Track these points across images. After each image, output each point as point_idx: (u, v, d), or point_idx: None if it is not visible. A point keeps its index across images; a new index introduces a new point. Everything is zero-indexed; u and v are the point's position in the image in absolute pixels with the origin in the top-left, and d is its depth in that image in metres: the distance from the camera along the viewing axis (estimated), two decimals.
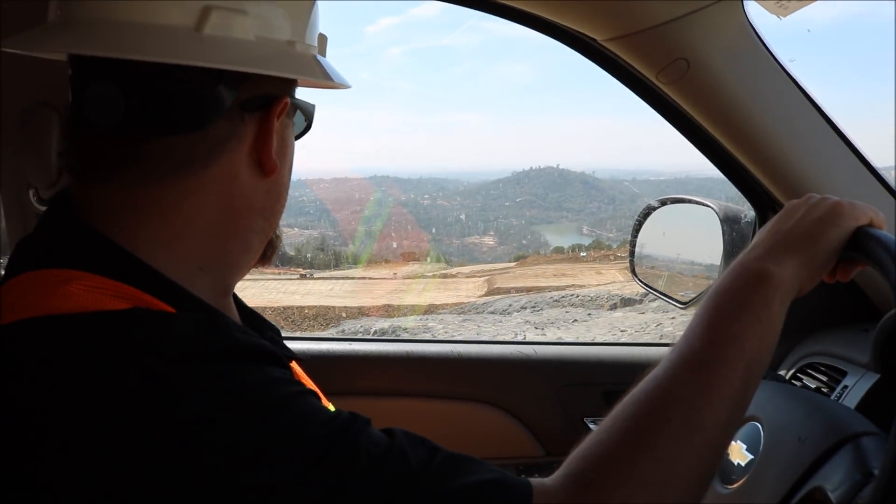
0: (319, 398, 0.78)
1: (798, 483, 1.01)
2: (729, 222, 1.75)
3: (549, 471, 0.80)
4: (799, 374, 1.59)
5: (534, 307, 13.00)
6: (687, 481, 0.77)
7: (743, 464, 1.15)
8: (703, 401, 0.79)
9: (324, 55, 0.96)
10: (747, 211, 1.76)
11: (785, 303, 0.87)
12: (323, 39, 0.96)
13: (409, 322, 12.27)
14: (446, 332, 11.00)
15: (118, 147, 0.82)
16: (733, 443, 1.19)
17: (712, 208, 1.78)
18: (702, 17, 1.40)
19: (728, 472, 1.18)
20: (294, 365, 1.01)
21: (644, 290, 1.96)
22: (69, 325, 0.71)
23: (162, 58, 0.78)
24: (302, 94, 0.97)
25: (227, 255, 0.91)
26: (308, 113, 0.98)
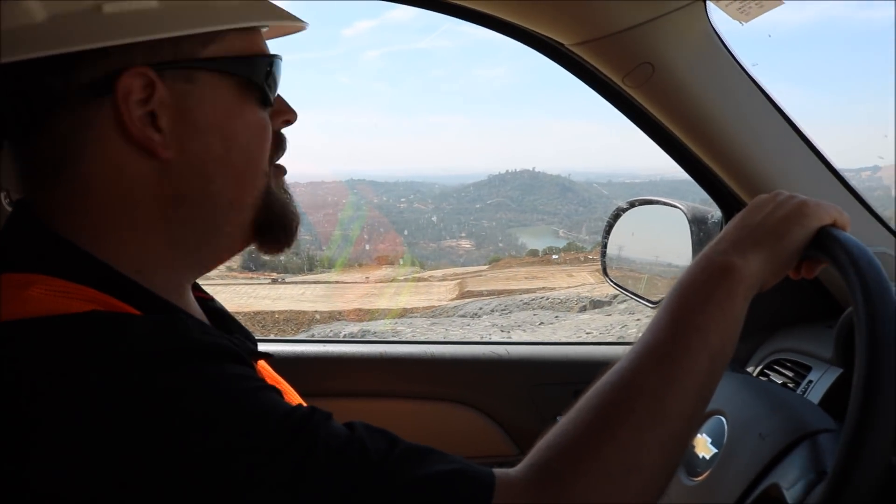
0: (281, 394, 0.76)
1: (756, 479, 1.03)
2: (697, 223, 1.78)
3: None
4: (766, 371, 1.63)
5: (504, 310, 13.03)
6: (651, 471, 0.77)
7: (707, 457, 1.17)
8: (667, 391, 0.79)
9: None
10: (714, 211, 1.79)
11: (748, 297, 0.87)
12: None
13: (380, 326, 12.25)
14: (415, 336, 11.04)
15: (11, 157, 0.82)
16: (699, 436, 1.21)
17: (680, 209, 1.81)
18: (666, 23, 1.43)
19: (693, 464, 1.20)
20: (264, 365, 0.99)
21: (615, 291, 1.99)
22: (28, 330, 0.70)
23: None
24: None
25: (156, 253, 0.85)
26: (241, 67, 0.85)
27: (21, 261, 0.79)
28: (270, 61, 0.88)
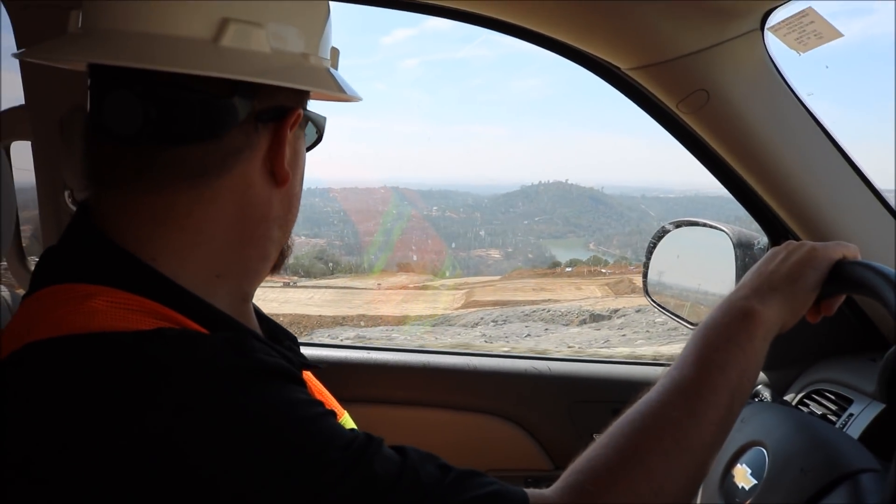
0: (336, 416, 0.80)
1: None
2: (742, 247, 1.78)
3: None
4: (806, 400, 1.62)
5: (504, 321, 13.15)
6: (675, 495, 0.83)
7: (747, 488, 1.17)
8: (692, 422, 0.86)
9: (336, 68, 0.99)
10: (761, 238, 1.79)
11: (767, 338, 0.96)
12: (335, 53, 0.98)
13: (375, 332, 12.40)
14: (409, 343, 11.20)
15: (135, 155, 0.84)
16: (739, 465, 1.22)
17: (726, 233, 1.81)
18: (723, 50, 1.45)
19: (732, 493, 1.20)
20: (307, 374, 1.03)
21: (656, 310, 2.00)
22: (96, 346, 0.72)
23: (180, 68, 0.80)
24: (313, 106, 1.00)
25: (244, 262, 0.93)
26: (320, 125, 1.01)
27: (84, 271, 0.82)
28: (325, 121, 1.03)
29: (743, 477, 1.20)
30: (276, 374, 0.77)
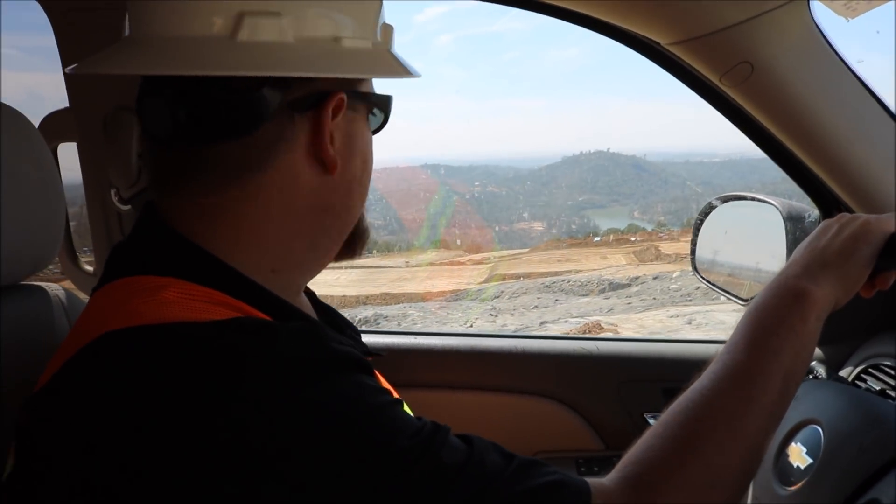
0: (402, 404, 0.81)
1: (856, 493, 1.02)
2: (793, 220, 1.74)
3: (609, 464, 0.86)
4: (864, 375, 1.59)
5: (525, 293, 13.26)
6: (730, 483, 0.83)
7: (802, 467, 1.16)
8: (745, 410, 0.86)
9: (389, 45, 0.95)
10: (812, 210, 1.75)
11: (821, 318, 0.94)
12: (388, 30, 0.95)
13: (393, 310, 12.58)
14: (423, 318, 11.37)
15: (175, 157, 0.86)
16: (794, 444, 1.20)
17: (775, 206, 1.78)
18: (766, 21, 1.40)
19: (787, 473, 1.19)
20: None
21: (705, 287, 1.97)
22: (174, 336, 0.74)
23: (194, 70, 0.80)
24: (381, 85, 0.97)
25: (297, 255, 0.92)
26: (382, 104, 0.98)
27: (154, 263, 0.84)
28: (392, 100, 0.99)
29: (798, 456, 1.19)
30: (349, 363, 0.78)
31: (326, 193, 0.91)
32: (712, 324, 9.56)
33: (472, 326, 11.22)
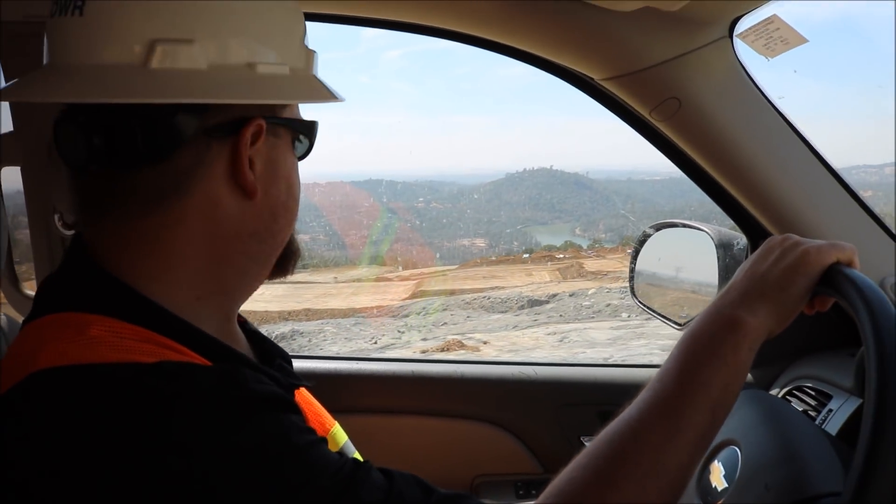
0: (326, 443, 0.82)
1: None
2: (723, 247, 1.79)
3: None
4: (788, 397, 1.65)
5: (446, 309, 13.43)
6: None
7: (720, 489, 1.17)
8: (670, 444, 0.85)
9: (312, 69, 0.96)
10: (740, 236, 1.81)
11: (754, 348, 0.93)
12: (311, 54, 0.95)
13: (310, 326, 12.59)
14: (337, 335, 11.39)
15: (93, 185, 0.85)
16: (715, 463, 1.21)
17: (708, 233, 1.84)
18: (693, 59, 1.47)
19: (707, 492, 1.20)
20: (301, 390, 1.05)
21: (645, 311, 2.02)
22: (98, 378, 0.74)
23: (106, 98, 0.80)
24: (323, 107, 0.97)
25: (222, 282, 0.92)
26: (305, 130, 0.97)
27: (80, 300, 0.84)
28: (316, 126, 0.99)
29: (717, 477, 1.19)
30: (271, 402, 0.78)
31: (250, 219, 0.91)
32: (582, 342, 9.70)
33: (376, 343, 11.27)
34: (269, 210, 0.93)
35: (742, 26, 1.45)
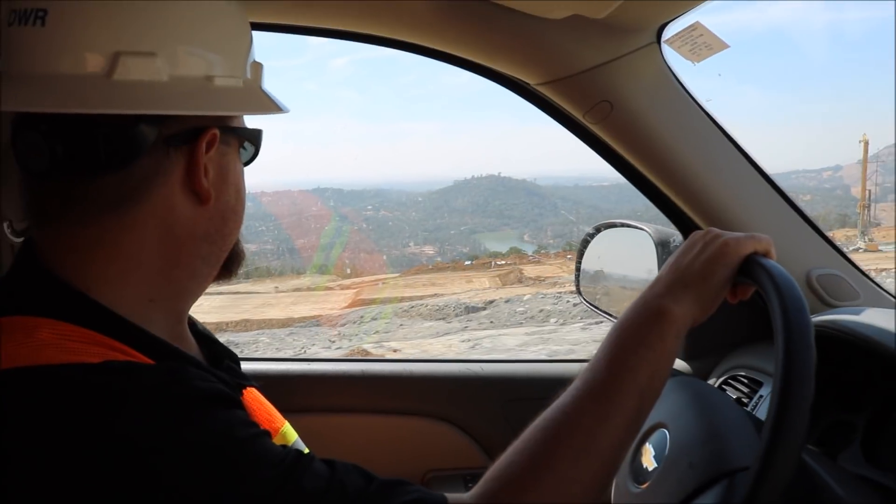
0: (270, 435, 0.85)
1: None
2: (661, 245, 1.86)
3: None
4: (724, 386, 1.72)
5: (381, 318, 13.55)
6: (583, 497, 0.88)
7: (650, 469, 1.20)
8: (601, 427, 0.90)
9: (260, 82, 1.01)
10: (676, 234, 1.87)
11: (679, 336, 0.98)
12: (257, 67, 1.00)
13: (245, 337, 12.61)
14: (269, 346, 11.41)
15: (51, 190, 0.87)
16: (646, 445, 1.25)
17: (646, 231, 1.90)
18: (623, 64, 1.54)
19: (638, 473, 1.23)
20: (250, 390, 1.08)
21: (591, 309, 2.08)
22: (46, 379, 0.76)
23: (69, 108, 0.82)
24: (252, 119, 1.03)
25: (174, 284, 0.95)
26: (252, 138, 1.03)
27: (28, 304, 0.86)
28: (261, 134, 1.05)
29: (648, 458, 1.22)
30: (214, 399, 0.81)
31: (202, 223, 0.95)
32: (493, 347, 9.81)
33: (305, 352, 11.29)
34: (220, 214, 0.97)
35: (669, 32, 1.52)
